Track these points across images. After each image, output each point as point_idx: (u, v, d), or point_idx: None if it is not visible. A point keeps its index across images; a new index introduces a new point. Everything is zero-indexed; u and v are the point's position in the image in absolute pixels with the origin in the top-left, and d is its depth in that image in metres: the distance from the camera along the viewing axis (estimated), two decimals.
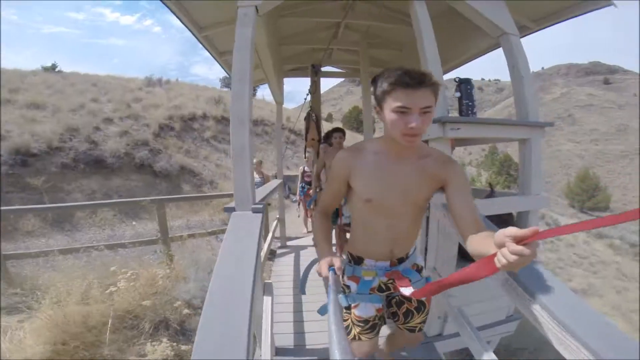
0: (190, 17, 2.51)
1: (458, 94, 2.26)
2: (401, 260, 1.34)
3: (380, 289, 1.36)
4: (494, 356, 1.53)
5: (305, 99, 4.71)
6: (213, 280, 1.09)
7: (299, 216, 6.34)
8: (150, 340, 2.66)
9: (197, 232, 4.14)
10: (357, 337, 1.34)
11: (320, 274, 1.14)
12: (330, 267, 1.13)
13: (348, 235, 3.72)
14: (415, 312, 1.41)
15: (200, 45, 3.10)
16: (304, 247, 4.64)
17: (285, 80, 4.85)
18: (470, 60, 3.60)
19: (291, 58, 4.41)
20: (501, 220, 2.21)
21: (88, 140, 8.63)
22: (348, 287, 1.37)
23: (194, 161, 10.79)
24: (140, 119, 11.26)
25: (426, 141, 2.03)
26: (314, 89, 4.37)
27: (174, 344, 2.55)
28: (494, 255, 0.77)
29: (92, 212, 6.50)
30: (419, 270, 1.40)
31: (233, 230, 1.36)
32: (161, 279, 2.90)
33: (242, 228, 1.40)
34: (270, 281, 2.38)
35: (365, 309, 1.33)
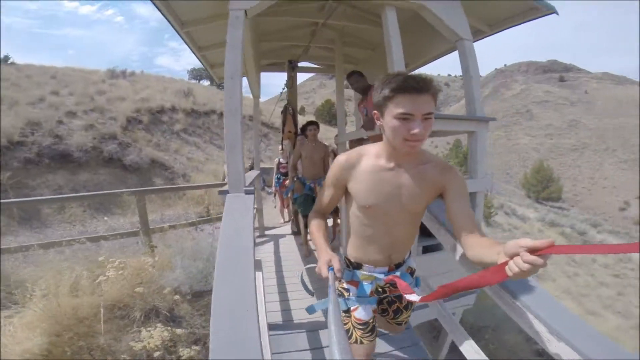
0: (174, 13, 2.62)
1: None
2: (398, 265, 1.36)
3: (377, 292, 1.39)
4: (460, 326, 1.74)
5: (281, 92, 4.87)
6: (219, 252, 1.26)
7: (275, 207, 6.50)
8: (143, 327, 2.75)
9: (178, 223, 4.22)
10: (359, 341, 1.34)
11: (320, 275, 1.11)
12: (330, 267, 1.11)
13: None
14: (404, 310, 1.47)
15: (166, 36, 3.25)
16: (282, 236, 4.84)
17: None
18: (434, 60, 3.95)
19: (269, 53, 4.55)
20: None
21: (51, 134, 8.26)
22: (347, 290, 1.37)
23: (164, 154, 10.58)
24: (106, 112, 10.85)
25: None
26: (291, 84, 4.55)
27: (168, 328, 2.67)
28: (505, 263, 0.80)
29: (60, 208, 6.32)
30: (412, 272, 1.43)
31: (230, 210, 1.55)
32: (150, 266, 2.99)
33: (237, 208, 1.59)
34: (259, 258, 2.56)
35: (365, 311, 1.34)
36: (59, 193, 7.04)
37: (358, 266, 1.36)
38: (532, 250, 0.73)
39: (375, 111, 1.14)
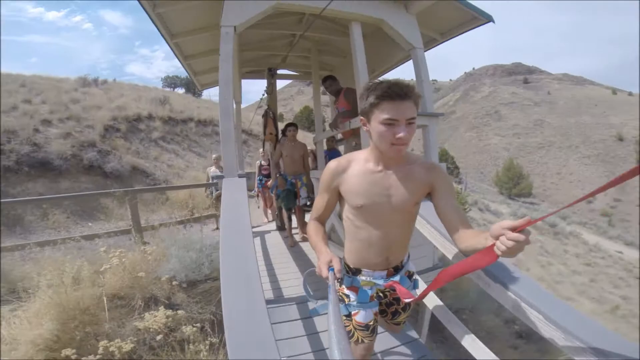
0: (165, 26, 2.95)
1: None
2: (397, 269, 1.40)
3: (377, 296, 1.43)
4: (434, 296, 1.95)
5: (261, 99, 5.23)
6: (223, 216, 1.61)
7: (258, 207, 6.80)
8: (145, 312, 2.98)
9: (168, 221, 4.47)
10: (360, 340, 1.40)
11: (320, 275, 1.14)
12: (330, 267, 1.13)
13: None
14: (402, 311, 1.51)
15: (137, 44, 3.53)
16: (267, 232, 5.15)
17: None
18: (397, 66, 4.44)
19: (250, 62, 4.91)
20: None
21: (29, 142, 8.20)
22: (347, 296, 1.41)
23: (145, 162, 10.64)
24: (82, 121, 10.73)
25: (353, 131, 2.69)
26: (270, 90, 4.92)
27: (169, 311, 2.92)
28: (492, 245, 0.89)
29: (43, 214, 6.39)
30: (410, 276, 1.48)
31: (228, 189, 1.91)
32: (149, 254, 3.25)
33: (233, 188, 1.95)
34: None
35: (366, 315, 1.39)
36: (40, 201, 7.04)
37: (357, 272, 1.40)
38: (514, 230, 0.83)
39: (361, 117, 1.21)
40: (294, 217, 4.47)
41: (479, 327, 5.01)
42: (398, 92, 1.07)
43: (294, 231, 4.46)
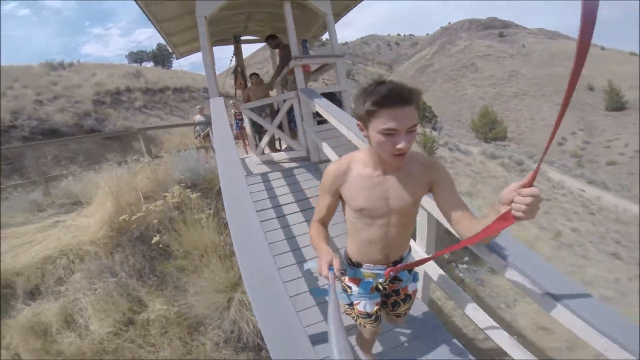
0: (152, 14, 4.28)
1: (301, 47, 4.64)
2: (396, 263, 1.42)
3: (377, 289, 1.46)
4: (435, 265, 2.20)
5: (230, 61, 6.70)
6: (212, 114, 3.25)
7: (238, 146, 8.36)
8: None
9: (170, 151, 6.19)
10: (362, 325, 1.50)
11: (320, 274, 1.14)
12: (330, 267, 1.13)
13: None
14: (401, 302, 1.54)
15: (87, 24, 5.26)
16: (246, 157, 6.56)
17: None
18: (324, 33, 5.93)
19: (218, 33, 6.21)
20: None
21: (34, 117, 9.48)
22: (350, 287, 1.46)
23: (135, 124, 11.84)
24: (70, 98, 11.63)
25: (292, 70, 4.31)
26: (237, 52, 6.43)
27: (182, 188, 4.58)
28: (508, 211, 0.86)
29: (62, 169, 7.93)
30: (410, 269, 1.50)
31: (214, 101, 3.51)
32: (166, 160, 4.92)
33: (216, 103, 3.54)
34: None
35: (368, 306, 1.45)
36: (57, 161, 8.53)
37: (359, 265, 1.44)
38: (524, 187, 0.82)
39: (358, 122, 1.17)
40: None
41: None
42: (397, 99, 1.02)
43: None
